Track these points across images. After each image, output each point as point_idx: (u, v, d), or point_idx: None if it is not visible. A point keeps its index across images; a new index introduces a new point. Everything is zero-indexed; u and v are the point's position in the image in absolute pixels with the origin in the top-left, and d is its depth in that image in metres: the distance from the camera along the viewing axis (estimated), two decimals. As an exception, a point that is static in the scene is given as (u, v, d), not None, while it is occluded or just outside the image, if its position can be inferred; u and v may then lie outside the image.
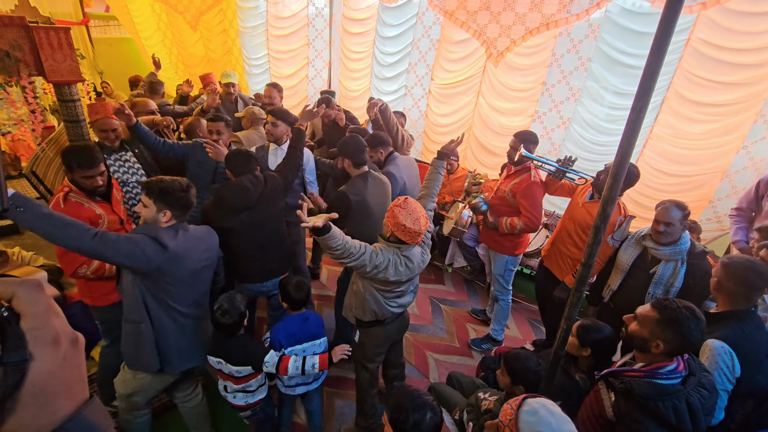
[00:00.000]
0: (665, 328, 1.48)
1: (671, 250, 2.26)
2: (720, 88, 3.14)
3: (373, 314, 2.22)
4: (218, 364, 2.05)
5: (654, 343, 1.51)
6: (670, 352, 1.50)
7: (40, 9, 2.83)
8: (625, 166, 1.28)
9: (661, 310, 1.51)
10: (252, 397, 2.17)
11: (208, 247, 2.08)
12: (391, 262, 2.01)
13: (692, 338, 1.47)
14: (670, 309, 1.49)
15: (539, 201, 2.89)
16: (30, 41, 2.72)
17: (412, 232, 1.95)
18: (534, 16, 3.71)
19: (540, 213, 2.90)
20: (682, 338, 1.47)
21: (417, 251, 2.12)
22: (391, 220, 1.98)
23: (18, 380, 0.37)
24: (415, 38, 4.89)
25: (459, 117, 4.78)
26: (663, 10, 1.06)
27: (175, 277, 1.89)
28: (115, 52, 7.85)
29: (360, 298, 2.20)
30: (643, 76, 1.16)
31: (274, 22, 5.88)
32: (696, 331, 1.46)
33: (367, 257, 1.95)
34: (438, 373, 3.12)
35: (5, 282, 0.41)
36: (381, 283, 2.10)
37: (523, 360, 1.84)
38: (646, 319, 1.54)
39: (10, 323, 0.39)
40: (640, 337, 1.55)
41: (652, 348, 1.51)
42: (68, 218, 1.60)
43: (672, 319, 1.47)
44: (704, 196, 3.37)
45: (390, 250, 2.04)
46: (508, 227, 2.95)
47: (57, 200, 2.11)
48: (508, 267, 3.20)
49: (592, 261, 1.48)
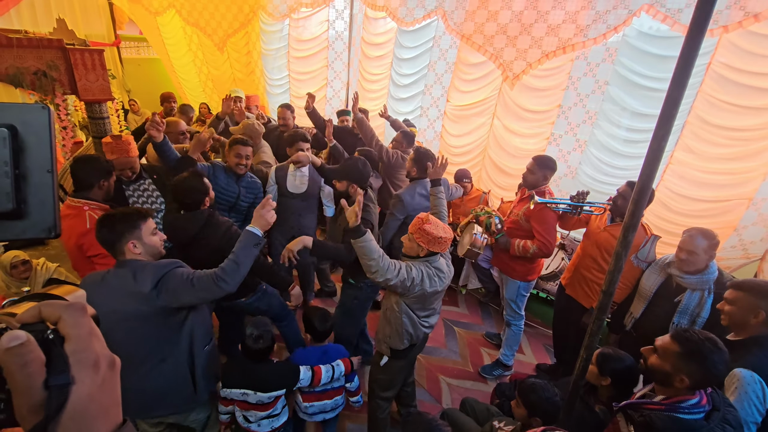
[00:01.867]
0: (688, 362, 1.42)
1: (698, 279, 2.19)
2: (743, 113, 3.08)
3: (409, 338, 2.22)
4: (243, 395, 2.00)
5: (678, 378, 1.44)
6: (694, 386, 1.44)
7: (77, 32, 2.99)
8: (647, 193, 1.26)
9: (682, 342, 1.45)
10: (277, 421, 2.13)
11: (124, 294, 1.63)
12: (425, 273, 2.07)
13: (717, 372, 1.41)
14: (692, 341, 1.43)
15: (553, 225, 2.84)
16: (66, 62, 2.87)
17: (445, 240, 2.05)
18: (551, 40, 3.74)
19: (554, 237, 2.85)
20: (707, 372, 1.40)
21: (443, 261, 2.19)
22: (424, 238, 2.03)
23: (61, 403, 0.38)
24: (432, 61, 4.97)
25: (474, 138, 4.79)
26: (684, 41, 1.06)
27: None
28: (143, 72, 8.21)
29: (396, 323, 2.19)
30: (665, 104, 1.15)
31: (296, 45, 6.07)
32: (721, 364, 1.40)
33: (404, 271, 2.01)
34: (451, 399, 3.04)
35: (52, 305, 0.42)
36: (417, 299, 2.13)
37: (539, 391, 1.78)
38: (667, 352, 1.48)
39: (56, 345, 0.39)
40: (662, 371, 1.49)
41: (675, 383, 1.44)
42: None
43: (695, 352, 1.41)
44: (729, 223, 3.27)
45: (419, 264, 2.09)
46: (521, 250, 2.90)
47: (93, 219, 2.06)
48: (520, 292, 3.13)
49: (613, 288, 1.44)
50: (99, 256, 2.12)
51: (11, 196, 0.42)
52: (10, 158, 0.41)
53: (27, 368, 0.36)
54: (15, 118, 0.42)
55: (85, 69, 2.89)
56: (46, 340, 0.39)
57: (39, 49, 2.74)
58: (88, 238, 2.07)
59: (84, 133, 5.25)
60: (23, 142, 0.43)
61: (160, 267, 1.69)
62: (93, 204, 2.19)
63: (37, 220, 0.45)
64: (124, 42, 7.61)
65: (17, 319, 0.40)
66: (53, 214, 0.45)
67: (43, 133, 0.44)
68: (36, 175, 0.44)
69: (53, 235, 0.46)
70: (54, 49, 2.81)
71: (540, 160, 2.86)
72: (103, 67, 2.96)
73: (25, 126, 0.43)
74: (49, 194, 0.45)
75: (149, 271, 1.65)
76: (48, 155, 0.45)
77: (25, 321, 0.40)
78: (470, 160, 4.89)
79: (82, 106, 4.14)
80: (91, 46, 2.99)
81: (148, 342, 1.71)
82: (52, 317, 0.41)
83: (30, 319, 0.40)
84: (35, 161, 0.44)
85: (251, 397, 1.99)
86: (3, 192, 0.42)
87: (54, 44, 2.80)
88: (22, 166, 0.43)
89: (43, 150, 0.44)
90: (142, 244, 1.70)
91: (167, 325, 1.74)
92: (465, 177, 4.28)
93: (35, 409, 0.37)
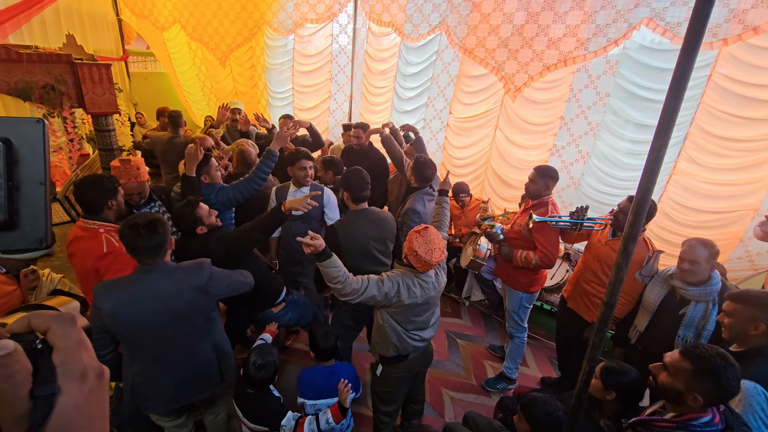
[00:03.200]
0: (702, 381, 1.38)
1: (701, 290, 2.16)
2: (745, 124, 3.08)
3: (395, 348, 2.18)
4: (238, 411, 2.01)
5: (691, 397, 1.40)
6: (708, 404, 1.40)
7: (86, 47, 3.06)
8: (647, 204, 1.25)
9: (693, 360, 1.41)
10: None
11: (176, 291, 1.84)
12: (402, 284, 2.00)
13: (731, 388, 1.37)
14: (704, 359, 1.39)
15: (555, 237, 2.83)
16: (74, 76, 2.93)
17: (422, 261, 1.95)
18: (552, 53, 3.78)
19: (556, 249, 2.83)
20: (722, 390, 1.37)
21: (431, 272, 2.12)
22: (407, 244, 2.00)
23: (46, 414, 0.37)
24: (435, 74, 5.03)
25: (476, 150, 4.81)
26: (680, 52, 1.07)
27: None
28: (150, 86, 8.36)
29: (381, 332, 2.17)
30: (662, 115, 1.15)
31: (300, 59, 6.16)
32: (734, 380, 1.37)
33: (373, 289, 1.94)
34: (454, 412, 2.99)
35: (42, 315, 0.42)
36: (399, 311, 2.07)
37: (541, 406, 1.75)
38: (679, 370, 1.44)
39: (43, 355, 0.39)
40: (673, 390, 1.45)
41: (689, 401, 1.40)
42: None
43: (709, 372, 1.37)
44: (735, 234, 3.24)
45: (398, 274, 2.03)
46: (523, 260, 2.88)
47: (110, 241, 2.07)
48: (523, 304, 3.09)
49: (615, 300, 1.42)
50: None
51: (4, 208, 0.43)
52: (3, 170, 0.42)
53: (12, 378, 0.36)
54: (10, 131, 0.43)
55: (93, 83, 2.95)
56: (34, 350, 0.39)
57: (48, 63, 2.80)
58: (105, 261, 2.05)
59: (91, 145, 5.33)
60: (17, 155, 0.44)
61: (206, 262, 1.93)
62: (108, 226, 2.15)
63: (29, 232, 0.45)
64: (131, 56, 7.77)
65: (7, 329, 0.40)
66: (44, 225, 0.46)
67: (37, 146, 0.45)
68: (29, 187, 0.45)
69: (44, 246, 0.46)
70: (62, 64, 2.87)
71: (541, 170, 2.87)
72: (110, 81, 3.02)
73: (19, 139, 0.44)
74: (41, 206, 0.45)
75: (197, 267, 1.89)
76: (41, 168, 0.45)
77: (15, 331, 0.40)
78: (473, 171, 4.90)
79: (89, 119, 4.20)
80: (99, 60, 3.06)
81: (195, 331, 1.92)
82: (41, 327, 0.41)
83: (19, 329, 0.40)
84: (29, 174, 0.45)
85: (246, 426, 2.00)
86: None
87: (62, 59, 2.86)
88: (15, 178, 0.44)
89: (36, 162, 0.45)
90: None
91: (205, 316, 1.94)
92: (462, 191, 4.22)
93: (19, 420, 0.36)
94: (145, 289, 1.74)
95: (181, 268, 1.86)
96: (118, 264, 2.04)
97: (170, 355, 1.88)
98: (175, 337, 1.84)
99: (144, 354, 1.85)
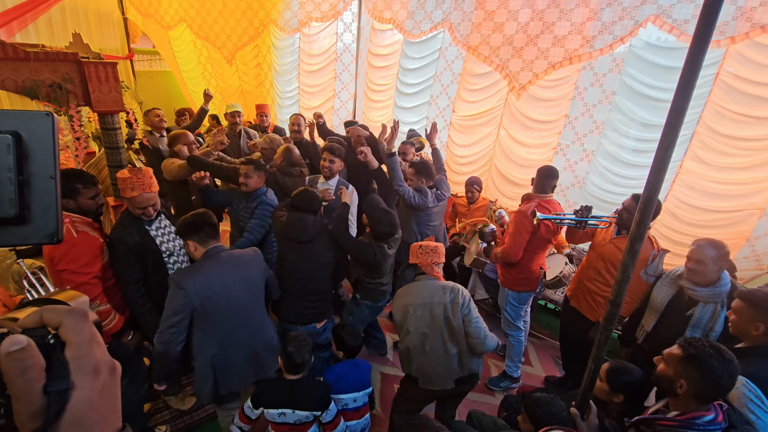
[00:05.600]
0: (687, 366, 1.41)
1: (710, 291, 2.14)
2: (752, 122, 3.05)
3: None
4: (280, 416, 1.97)
5: (678, 383, 1.42)
6: (696, 394, 1.40)
7: (92, 45, 3.07)
8: (653, 202, 1.24)
9: (684, 347, 1.45)
10: None
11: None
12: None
13: (716, 378, 1.37)
14: (693, 346, 1.43)
15: (521, 231, 2.82)
16: (80, 74, 2.95)
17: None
18: (557, 51, 3.75)
19: (519, 244, 2.84)
20: (705, 378, 1.37)
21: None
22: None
23: (60, 409, 0.38)
24: (438, 71, 5.01)
25: (480, 148, 4.79)
26: (689, 50, 1.06)
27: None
28: (155, 84, 8.39)
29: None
30: (670, 114, 1.14)
31: (306, 59, 6.17)
32: (721, 371, 1.36)
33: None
34: (457, 411, 2.98)
35: (54, 310, 0.42)
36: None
37: (545, 406, 1.74)
38: (671, 357, 1.48)
39: (56, 351, 0.39)
40: (666, 377, 1.48)
41: (677, 389, 1.43)
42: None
43: (693, 356, 1.40)
44: (741, 234, 3.21)
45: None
46: (495, 256, 3.02)
47: (69, 231, 2.05)
48: (510, 301, 3.12)
49: (621, 299, 1.41)
50: (67, 272, 2.06)
51: (15, 202, 0.43)
52: (14, 165, 0.42)
53: (27, 373, 0.36)
54: (19, 124, 0.43)
55: (99, 81, 2.96)
56: (46, 345, 0.39)
57: (55, 62, 2.81)
58: (60, 251, 2.03)
59: (96, 143, 5.35)
60: (27, 149, 0.44)
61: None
62: (74, 217, 2.12)
63: (40, 226, 0.45)
64: (137, 55, 7.80)
65: (19, 324, 0.40)
66: (56, 220, 0.46)
67: (47, 139, 0.45)
68: (39, 181, 0.45)
69: (55, 241, 0.46)
70: (69, 63, 2.88)
71: (539, 171, 2.95)
72: (116, 80, 3.03)
73: (29, 133, 0.44)
74: (52, 201, 0.46)
75: (255, 249, 2.35)
76: (51, 162, 0.45)
77: (27, 326, 0.40)
78: (477, 169, 4.89)
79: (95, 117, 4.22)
80: (105, 59, 3.07)
81: (261, 303, 2.28)
82: (53, 322, 0.41)
83: (31, 324, 0.40)
84: (39, 168, 0.45)
85: (289, 416, 1.97)
86: (6, 198, 0.43)
87: (69, 57, 2.87)
88: (25, 173, 0.44)
89: (46, 157, 0.45)
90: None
91: (263, 295, 2.31)
92: (475, 184, 4.25)
93: (34, 415, 0.37)
94: (225, 262, 2.07)
95: (244, 251, 2.28)
96: (70, 255, 2.05)
97: (243, 329, 2.14)
98: (246, 308, 2.15)
99: (218, 332, 2.07)
